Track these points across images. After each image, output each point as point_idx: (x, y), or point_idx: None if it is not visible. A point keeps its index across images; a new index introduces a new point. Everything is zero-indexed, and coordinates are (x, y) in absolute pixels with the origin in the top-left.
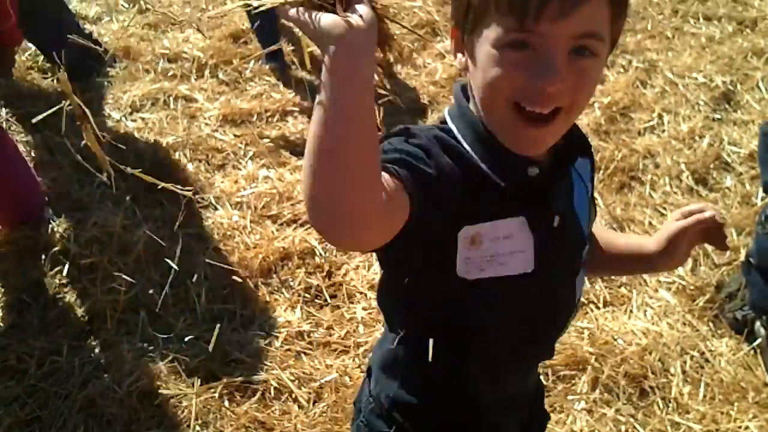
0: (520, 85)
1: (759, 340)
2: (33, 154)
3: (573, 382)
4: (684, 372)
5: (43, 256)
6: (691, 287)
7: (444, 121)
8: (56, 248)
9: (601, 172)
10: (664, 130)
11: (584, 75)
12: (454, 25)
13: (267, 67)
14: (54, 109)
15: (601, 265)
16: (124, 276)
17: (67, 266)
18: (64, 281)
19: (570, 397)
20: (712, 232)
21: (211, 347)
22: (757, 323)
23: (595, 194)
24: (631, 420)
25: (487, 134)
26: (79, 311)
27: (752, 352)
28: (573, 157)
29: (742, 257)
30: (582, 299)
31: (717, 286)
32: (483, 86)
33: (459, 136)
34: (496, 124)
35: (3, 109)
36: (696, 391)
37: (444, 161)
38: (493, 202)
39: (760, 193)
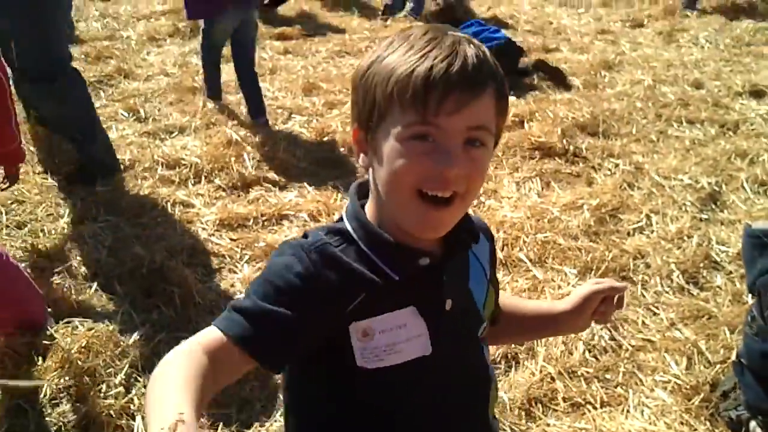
0: (423, 172)
1: None
2: (30, 260)
3: None
4: None
5: (40, 361)
6: (687, 386)
7: (341, 218)
8: (53, 353)
9: (593, 272)
10: (653, 231)
11: (476, 163)
12: (357, 126)
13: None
14: None
15: (509, 330)
16: (121, 381)
17: (63, 371)
18: (60, 387)
19: None
20: (608, 304)
21: None
22: (752, 423)
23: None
24: None
25: (378, 231)
26: (76, 417)
27: None
28: (463, 244)
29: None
30: (578, 400)
31: (712, 385)
32: (389, 177)
33: (355, 236)
34: (401, 212)
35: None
36: None
37: (320, 279)
38: (385, 296)
39: None
